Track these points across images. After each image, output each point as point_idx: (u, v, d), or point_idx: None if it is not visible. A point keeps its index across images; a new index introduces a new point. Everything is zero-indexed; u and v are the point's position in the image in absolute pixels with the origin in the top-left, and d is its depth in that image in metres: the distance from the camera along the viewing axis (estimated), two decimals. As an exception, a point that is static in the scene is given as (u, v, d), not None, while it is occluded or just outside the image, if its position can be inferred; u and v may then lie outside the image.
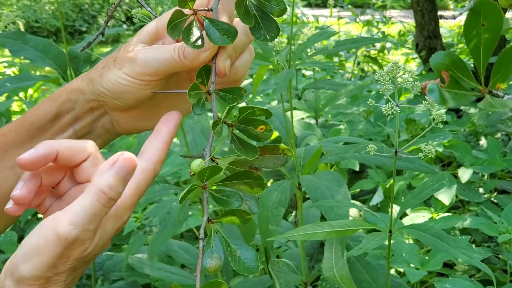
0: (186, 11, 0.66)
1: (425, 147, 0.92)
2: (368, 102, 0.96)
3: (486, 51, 0.67)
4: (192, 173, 0.62)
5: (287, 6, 0.69)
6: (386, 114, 0.89)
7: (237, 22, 0.70)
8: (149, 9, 0.72)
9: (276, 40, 1.50)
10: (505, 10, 0.69)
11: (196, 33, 0.65)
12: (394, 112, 0.90)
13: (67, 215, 0.57)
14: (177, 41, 0.72)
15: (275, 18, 0.67)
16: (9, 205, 0.64)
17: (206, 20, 0.65)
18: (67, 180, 0.69)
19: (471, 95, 0.70)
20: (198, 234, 0.61)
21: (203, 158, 0.64)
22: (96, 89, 0.72)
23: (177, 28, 0.65)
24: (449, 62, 0.68)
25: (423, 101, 0.78)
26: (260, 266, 1.63)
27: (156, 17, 0.73)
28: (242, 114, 0.63)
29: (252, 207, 0.65)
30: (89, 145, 0.67)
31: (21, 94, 3.04)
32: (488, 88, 0.69)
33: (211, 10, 0.67)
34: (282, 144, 0.67)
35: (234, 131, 0.65)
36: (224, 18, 0.67)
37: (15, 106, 3.45)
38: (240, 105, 0.66)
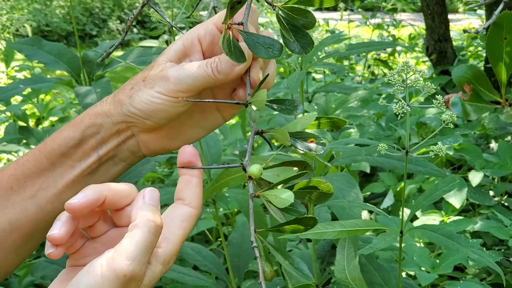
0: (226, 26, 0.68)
1: (435, 147, 0.93)
2: (379, 102, 0.97)
3: (508, 64, 0.67)
4: (251, 177, 0.63)
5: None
6: (397, 114, 0.90)
7: None
8: (168, 19, 0.73)
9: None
10: None
11: (237, 46, 0.67)
12: (405, 111, 0.90)
13: (122, 252, 0.58)
14: (205, 58, 0.74)
15: (307, 31, 0.69)
16: (50, 249, 0.63)
17: (247, 36, 0.67)
18: (102, 222, 0.68)
19: (492, 108, 0.71)
20: (251, 243, 0.61)
21: (243, 167, 0.64)
22: (126, 110, 0.73)
23: (225, 41, 0.66)
24: (471, 76, 0.69)
25: (433, 101, 0.79)
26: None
27: (172, 25, 0.74)
28: (307, 125, 0.65)
29: (300, 208, 0.66)
30: (134, 190, 0.67)
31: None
32: (508, 101, 0.70)
33: (242, 24, 0.68)
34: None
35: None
36: (252, 30, 0.69)
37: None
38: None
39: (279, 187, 0.63)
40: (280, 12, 0.69)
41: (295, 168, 0.65)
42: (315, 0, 0.68)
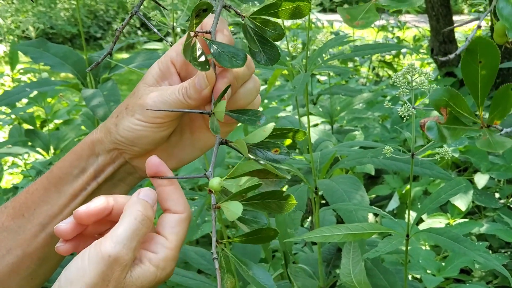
0: (192, 33, 0.68)
1: (440, 149, 0.93)
2: (384, 104, 0.96)
3: (483, 87, 0.68)
4: (211, 191, 0.63)
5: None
6: (402, 116, 0.89)
7: None
8: (155, 30, 0.73)
9: (291, 44, 1.51)
10: (500, 47, 0.70)
11: (201, 55, 0.67)
12: (411, 114, 0.90)
13: (108, 237, 0.62)
14: (181, 78, 0.76)
15: (274, 43, 0.68)
16: (59, 243, 0.68)
17: (213, 44, 0.67)
18: None
19: (470, 130, 0.71)
20: (212, 254, 0.62)
21: (207, 177, 0.65)
22: (114, 138, 0.75)
23: (188, 50, 0.66)
24: (448, 98, 0.69)
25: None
26: (279, 271, 1.63)
27: (159, 35, 0.74)
28: (265, 137, 0.65)
29: (260, 218, 0.66)
30: None
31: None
32: (486, 122, 0.70)
33: (210, 32, 0.68)
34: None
35: (250, 154, 0.66)
36: (223, 38, 0.69)
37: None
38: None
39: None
40: (248, 22, 0.68)
41: (256, 178, 0.65)
42: (282, 12, 0.68)
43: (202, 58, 0.67)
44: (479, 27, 0.74)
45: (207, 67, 0.67)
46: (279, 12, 0.68)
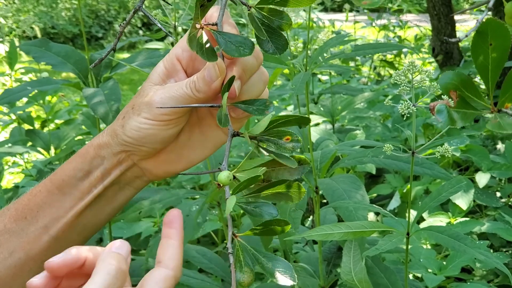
0: (198, 25, 0.67)
1: (441, 147, 0.92)
2: (385, 102, 0.96)
3: (494, 70, 0.67)
4: (220, 184, 0.63)
5: (304, 11, 0.70)
6: (403, 114, 0.89)
7: None
8: (159, 25, 0.72)
9: (292, 43, 1.51)
10: None
11: (208, 46, 0.67)
12: (411, 111, 0.90)
13: None
14: (187, 74, 0.75)
15: (282, 32, 0.68)
16: None
17: (218, 35, 0.66)
18: None
19: (480, 114, 0.70)
20: (226, 249, 0.60)
21: (221, 171, 0.64)
22: (121, 139, 0.74)
23: (193, 41, 0.66)
24: (458, 82, 0.69)
25: (439, 101, 0.79)
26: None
27: (164, 30, 0.74)
28: (272, 124, 0.64)
29: (271, 210, 0.66)
30: None
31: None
32: (497, 107, 0.70)
33: (216, 24, 0.68)
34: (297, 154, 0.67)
35: (261, 144, 0.65)
36: (230, 29, 0.69)
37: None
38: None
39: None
40: (255, 12, 0.68)
41: (263, 168, 0.64)
42: (290, 1, 0.68)
43: (209, 49, 0.66)
44: (489, 9, 0.73)
45: (215, 58, 0.66)
46: (287, 1, 0.67)
